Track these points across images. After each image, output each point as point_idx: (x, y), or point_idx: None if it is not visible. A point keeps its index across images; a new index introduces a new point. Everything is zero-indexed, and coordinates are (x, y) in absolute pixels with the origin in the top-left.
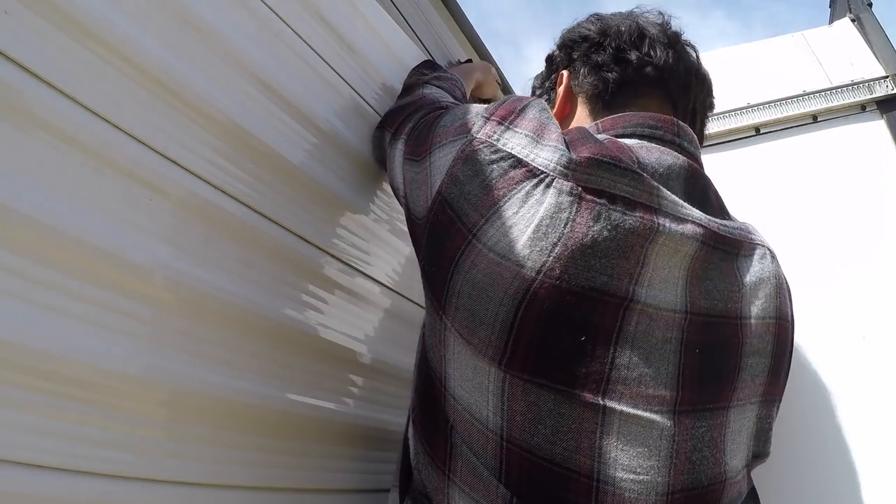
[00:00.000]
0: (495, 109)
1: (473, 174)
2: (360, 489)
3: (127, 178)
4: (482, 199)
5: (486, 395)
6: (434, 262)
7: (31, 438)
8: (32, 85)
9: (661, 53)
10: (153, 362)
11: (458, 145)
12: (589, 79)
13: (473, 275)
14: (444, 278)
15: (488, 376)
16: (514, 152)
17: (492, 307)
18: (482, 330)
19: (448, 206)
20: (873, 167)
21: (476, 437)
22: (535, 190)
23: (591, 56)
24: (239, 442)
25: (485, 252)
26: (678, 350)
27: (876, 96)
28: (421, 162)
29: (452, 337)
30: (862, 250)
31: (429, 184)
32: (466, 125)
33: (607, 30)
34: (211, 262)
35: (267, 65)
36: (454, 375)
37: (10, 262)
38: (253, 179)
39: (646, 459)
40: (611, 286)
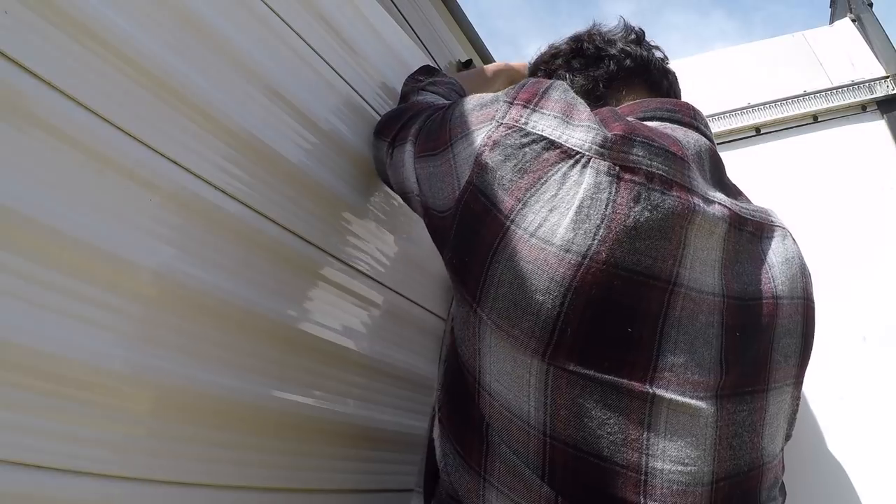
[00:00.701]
0: (517, 93)
1: (504, 159)
2: (360, 489)
3: (127, 178)
4: (517, 184)
5: (526, 390)
6: (467, 252)
7: (31, 439)
8: (32, 85)
9: (634, 49)
10: (153, 363)
11: (484, 133)
12: (577, 79)
13: (515, 262)
14: (480, 269)
15: (529, 369)
16: (545, 134)
17: (537, 296)
18: (525, 321)
19: (481, 193)
20: (874, 167)
21: (516, 434)
22: (572, 171)
23: (571, 62)
24: (238, 442)
25: (525, 238)
26: (720, 334)
27: (876, 96)
28: (441, 154)
29: (489, 330)
30: (862, 250)
31: (454, 174)
32: (489, 112)
33: (579, 39)
34: (211, 262)
35: (267, 65)
36: (490, 370)
37: (9, 262)
38: (253, 179)
39: (693, 449)
40: (655, 269)
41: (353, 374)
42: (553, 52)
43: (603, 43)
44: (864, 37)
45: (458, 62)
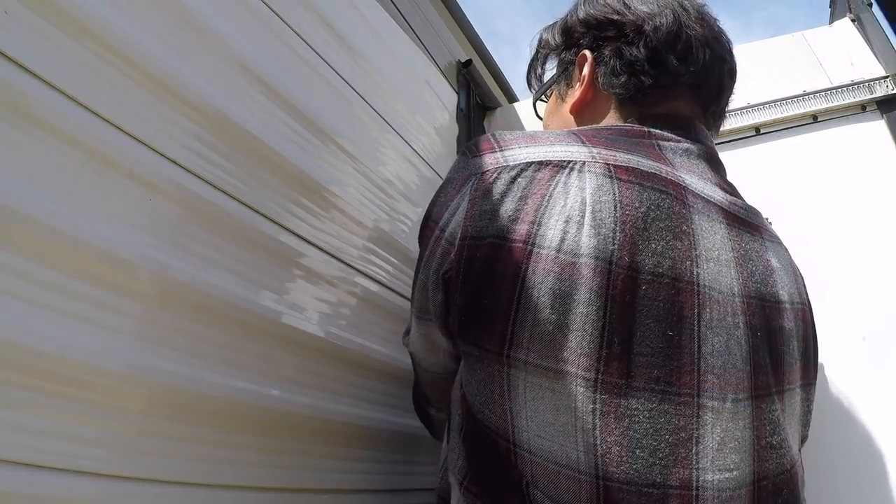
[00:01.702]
0: (475, 148)
1: (501, 197)
2: (360, 489)
3: (127, 178)
4: (524, 210)
5: (573, 436)
6: (487, 293)
7: (31, 439)
8: (32, 85)
9: (700, 55)
10: (153, 362)
11: (467, 192)
12: (622, 78)
13: (549, 282)
14: (508, 304)
15: (574, 413)
16: (530, 160)
17: (579, 309)
18: (572, 339)
19: (480, 238)
20: (873, 167)
21: (565, 485)
22: (570, 178)
23: (622, 51)
24: (239, 442)
25: (553, 255)
26: (747, 334)
27: (876, 96)
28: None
29: (524, 379)
30: (862, 250)
31: (444, 250)
32: (461, 177)
33: (642, 23)
34: (211, 262)
35: (267, 65)
36: (528, 426)
37: (9, 262)
38: (253, 179)
39: (737, 454)
40: (677, 271)
41: (353, 374)
42: (613, 21)
43: (663, 45)
44: (863, 37)
45: (458, 62)
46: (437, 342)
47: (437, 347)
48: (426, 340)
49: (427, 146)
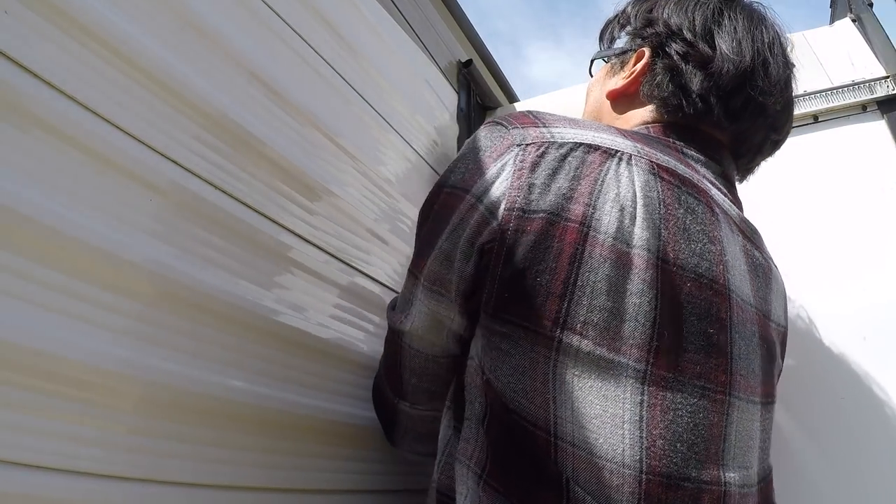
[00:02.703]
0: (511, 119)
1: (553, 172)
2: (360, 489)
3: (127, 178)
4: (578, 191)
5: (620, 428)
6: (540, 272)
7: (31, 439)
8: (32, 85)
9: (751, 117)
10: (153, 363)
11: (510, 164)
12: (675, 100)
13: (606, 267)
14: (564, 284)
15: (623, 403)
16: (577, 140)
17: (633, 299)
18: (626, 327)
19: (532, 212)
20: (874, 167)
21: (608, 480)
22: (621, 168)
23: (679, 70)
24: (238, 442)
25: (609, 242)
26: (759, 343)
27: (877, 96)
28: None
29: (572, 364)
30: (862, 250)
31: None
32: (501, 145)
33: (712, 59)
34: (211, 262)
35: (267, 65)
36: (573, 417)
37: (9, 262)
38: (253, 179)
39: (751, 453)
40: (713, 273)
41: (353, 373)
42: (684, 37)
43: (734, 82)
44: (864, 37)
45: (458, 62)
46: (445, 321)
47: (443, 327)
48: (431, 318)
49: (427, 146)
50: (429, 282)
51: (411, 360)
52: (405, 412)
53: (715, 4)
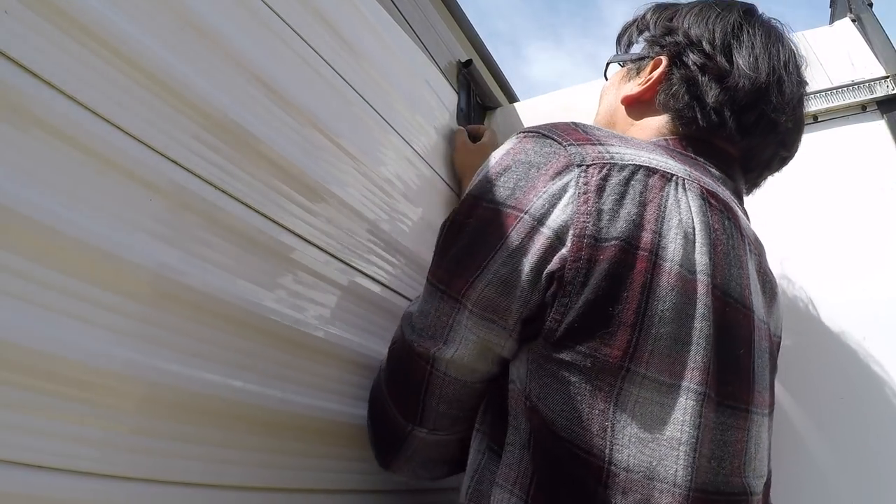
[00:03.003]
0: (562, 134)
1: (619, 197)
2: (360, 489)
3: (127, 178)
4: (645, 217)
5: (676, 449)
6: (613, 301)
7: (31, 439)
8: (32, 85)
9: (762, 134)
10: (153, 363)
11: (572, 185)
12: (689, 112)
13: (672, 296)
14: (635, 314)
15: (682, 426)
16: (637, 162)
17: (696, 324)
18: (687, 353)
19: (604, 240)
20: (873, 167)
21: (657, 499)
22: (678, 193)
23: (701, 82)
24: (240, 442)
25: (675, 269)
26: (769, 358)
27: (876, 96)
28: (513, 235)
29: (636, 392)
30: (862, 250)
31: (540, 245)
32: (553, 166)
33: (729, 74)
34: (211, 263)
35: (267, 65)
36: (629, 442)
37: (9, 262)
38: (253, 179)
39: (763, 461)
40: (743, 297)
41: (353, 374)
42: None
43: (749, 98)
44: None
45: (458, 62)
46: (495, 348)
47: (491, 354)
48: (480, 346)
49: (427, 146)
50: (480, 308)
51: (444, 388)
52: (419, 438)
53: (735, 18)
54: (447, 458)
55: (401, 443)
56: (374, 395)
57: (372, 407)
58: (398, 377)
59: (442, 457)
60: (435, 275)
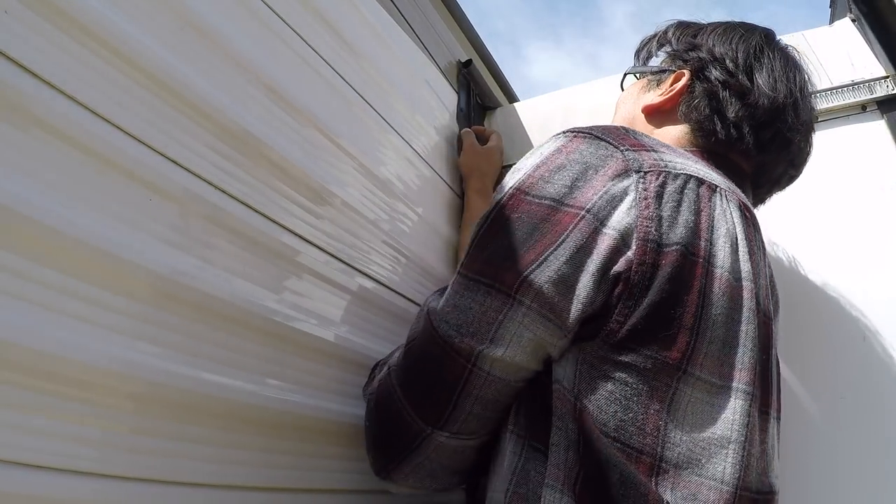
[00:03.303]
0: (615, 138)
1: (676, 205)
2: (360, 489)
3: (127, 178)
4: (699, 225)
5: (725, 448)
6: (675, 304)
7: (31, 439)
8: (32, 85)
9: (776, 150)
10: (153, 363)
11: (632, 190)
12: (709, 124)
13: (723, 301)
14: (693, 318)
15: (732, 425)
16: (688, 172)
17: (742, 327)
18: (735, 355)
19: (665, 245)
20: (873, 167)
21: (705, 496)
22: (723, 203)
23: (722, 97)
24: (240, 442)
25: (726, 276)
26: (777, 361)
27: (876, 96)
28: (573, 234)
29: (689, 392)
30: (862, 250)
31: (609, 246)
32: (611, 168)
33: (750, 92)
34: (211, 262)
35: (267, 65)
36: (681, 441)
37: (9, 262)
38: (253, 179)
39: (778, 461)
40: (765, 304)
41: (353, 373)
42: (726, 67)
43: (767, 118)
44: (863, 37)
45: (458, 62)
46: (548, 347)
47: (541, 353)
48: (533, 345)
49: (427, 146)
50: (539, 305)
51: (484, 388)
52: (438, 443)
53: (757, 41)
54: (461, 466)
55: (412, 448)
56: (380, 397)
57: (377, 410)
58: (422, 377)
59: (455, 464)
60: (472, 268)
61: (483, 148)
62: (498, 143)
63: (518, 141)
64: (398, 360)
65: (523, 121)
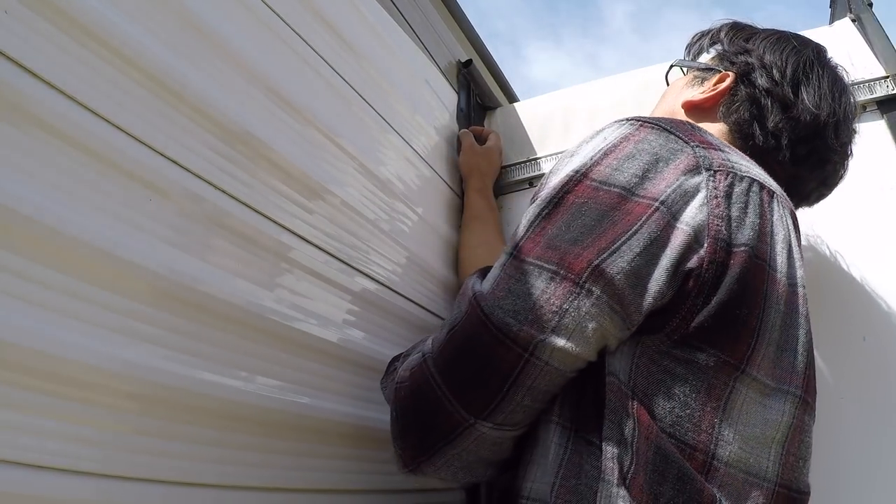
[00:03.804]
0: (685, 134)
1: (743, 206)
2: (360, 489)
3: (127, 178)
4: (764, 229)
5: (769, 447)
6: (741, 304)
7: (31, 439)
8: (32, 85)
9: (831, 160)
10: (153, 363)
11: (703, 188)
12: (748, 128)
13: (780, 305)
14: (755, 319)
15: (779, 426)
16: (751, 175)
17: (797, 332)
18: (788, 358)
19: (734, 245)
20: (874, 167)
21: (747, 492)
22: (780, 207)
23: (763, 105)
24: (240, 442)
25: (783, 280)
26: None
27: (876, 96)
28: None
29: (744, 392)
30: (862, 250)
31: (682, 242)
32: (681, 163)
33: (794, 104)
34: (211, 263)
35: (267, 65)
36: (733, 439)
37: (9, 262)
38: (253, 179)
39: None
40: (806, 305)
41: (353, 373)
42: (772, 75)
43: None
44: (864, 37)
45: (458, 62)
46: (610, 339)
47: (602, 344)
48: (599, 336)
49: (427, 146)
50: (608, 296)
51: (538, 378)
52: (479, 434)
53: (809, 56)
54: (497, 457)
55: (451, 439)
56: (414, 385)
57: (411, 398)
58: (468, 365)
59: (493, 456)
60: (531, 252)
61: (482, 148)
62: (496, 142)
63: (518, 141)
64: (437, 347)
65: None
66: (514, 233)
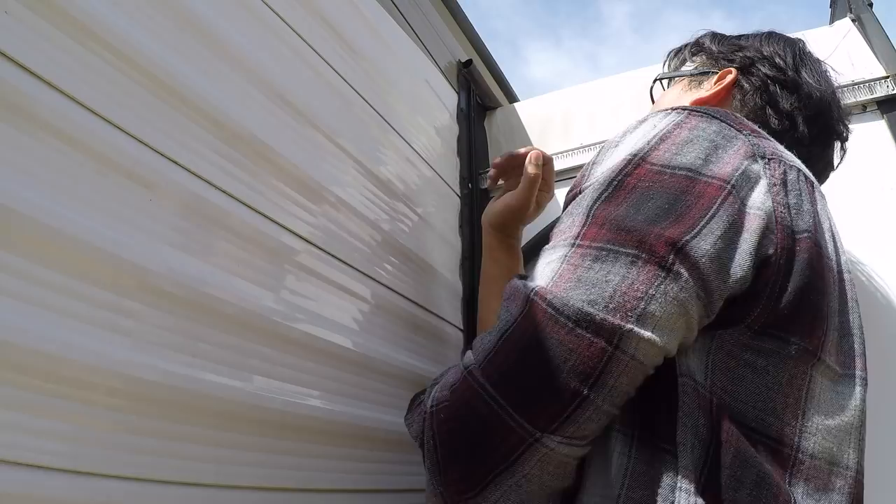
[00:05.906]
0: (735, 123)
1: (798, 193)
2: (360, 489)
3: (127, 178)
4: (814, 217)
5: (849, 434)
6: (811, 293)
7: (31, 439)
8: (32, 85)
9: (840, 132)
10: (153, 363)
11: (763, 174)
12: (763, 114)
13: (836, 293)
14: (826, 309)
15: (854, 411)
16: (796, 165)
17: (851, 316)
18: (850, 343)
19: (797, 232)
20: (874, 167)
21: (832, 482)
22: (822, 198)
23: (772, 91)
24: (240, 442)
25: (835, 267)
26: None
27: (876, 96)
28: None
29: (820, 380)
30: (863, 250)
31: (759, 227)
32: (738, 149)
33: (799, 86)
34: (211, 262)
35: (267, 64)
36: (818, 429)
37: (9, 262)
38: (253, 179)
39: None
40: None
41: (353, 374)
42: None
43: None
44: (864, 37)
45: (458, 62)
46: (691, 329)
47: (681, 337)
48: (683, 325)
49: (427, 146)
50: (694, 280)
51: (622, 377)
52: (544, 452)
53: (799, 45)
54: (560, 485)
55: (510, 463)
56: (460, 404)
57: (456, 421)
58: (535, 369)
59: (556, 483)
60: (598, 237)
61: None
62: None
63: (518, 141)
64: (483, 355)
65: (523, 121)
66: (564, 224)
